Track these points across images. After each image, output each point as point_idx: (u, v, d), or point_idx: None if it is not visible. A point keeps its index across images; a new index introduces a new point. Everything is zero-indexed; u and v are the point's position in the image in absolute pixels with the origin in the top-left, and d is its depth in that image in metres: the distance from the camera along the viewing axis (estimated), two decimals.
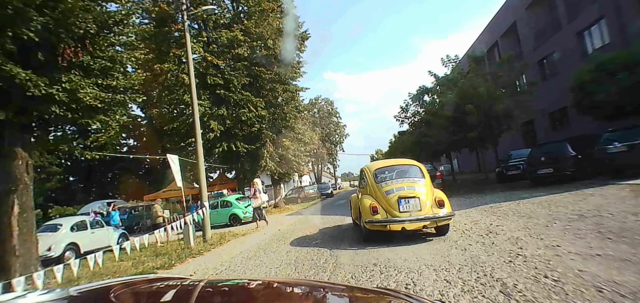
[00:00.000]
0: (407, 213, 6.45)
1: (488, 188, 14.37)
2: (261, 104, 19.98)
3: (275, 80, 20.89)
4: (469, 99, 14.14)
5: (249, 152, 20.15)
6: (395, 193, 6.66)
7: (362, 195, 7.45)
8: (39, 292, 1.12)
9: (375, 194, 6.89)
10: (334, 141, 59.55)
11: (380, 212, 6.58)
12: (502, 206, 8.97)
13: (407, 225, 6.40)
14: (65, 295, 1.14)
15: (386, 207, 6.59)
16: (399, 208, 6.49)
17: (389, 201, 6.60)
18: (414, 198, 6.56)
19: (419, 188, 6.78)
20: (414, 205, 6.50)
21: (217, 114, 19.00)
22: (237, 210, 17.36)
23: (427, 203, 6.55)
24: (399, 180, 7.01)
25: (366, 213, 6.76)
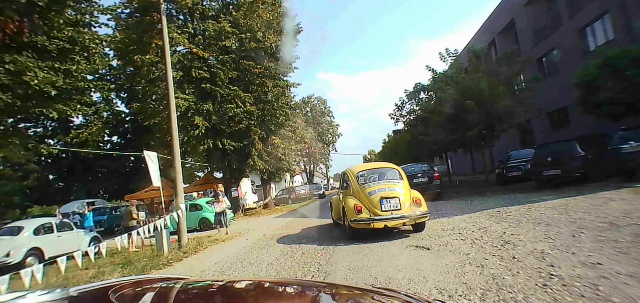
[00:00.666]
0: (389, 212, 6.98)
1: (489, 190, 13.52)
2: (250, 100, 18.91)
3: (265, 75, 19.83)
4: (470, 95, 13.26)
5: (236, 150, 19.06)
6: (378, 194, 7.17)
7: (345, 197, 7.87)
8: (39, 292, 1.08)
9: (359, 195, 7.39)
10: (327, 141, 58.55)
11: (364, 212, 7.07)
12: (511, 211, 8.07)
13: (389, 223, 6.94)
14: (65, 295, 1.12)
15: (369, 206, 7.09)
16: (381, 207, 7.02)
17: (371, 201, 7.11)
18: (394, 198, 7.11)
19: (398, 189, 7.36)
20: (394, 205, 7.05)
21: (202, 109, 17.87)
22: (208, 214, 16.41)
23: (406, 203, 7.15)
24: (380, 182, 7.58)
25: (351, 213, 7.19)
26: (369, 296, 1.28)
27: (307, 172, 59.62)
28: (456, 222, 7.84)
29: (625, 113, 12.29)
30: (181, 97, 17.31)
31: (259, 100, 20.01)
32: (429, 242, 6.11)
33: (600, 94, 12.25)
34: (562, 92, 18.87)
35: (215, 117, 18.22)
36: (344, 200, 7.75)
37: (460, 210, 9.47)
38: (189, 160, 18.84)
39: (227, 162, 19.38)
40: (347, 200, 7.58)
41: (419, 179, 13.32)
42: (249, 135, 19.33)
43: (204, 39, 18.98)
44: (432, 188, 13.28)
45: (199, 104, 17.95)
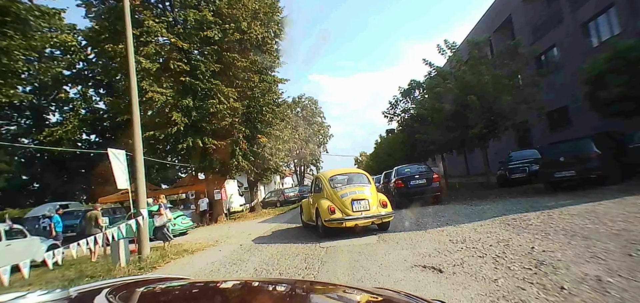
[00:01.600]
0: (359, 212, 7.80)
1: (492, 193, 12.39)
2: (234, 95, 17.53)
3: (251, 69, 18.48)
4: (471, 90, 12.15)
5: (219, 149, 17.66)
6: (349, 196, 7.96)
7: (318, 199, 8.42)
8: (39, 292, 1.09)
9: (332, 197, 8.08)
10: (318, 142, 57.27)
11: (337, 212, 7.81)
12: (529, 218, 6.89)
13: (360, 222, 7.78)
14: (65, 295, 1.13)
15: (341, 207, 7.85)
16: (352, 208, 7.81)
17: (343, 203, 7.87)
18: (364, 200, 7.94)
19: (367, 192, 8.22)
20: (364, 206, 7.87)
21: (181, 104, 16.45)
22: None
23: (374, 205, 7.99)
24: (350, 186, 8.41)
25: (325, 213, 7.86)
26: (368, 296, 1.29)
27: (298, 173, 58.26)
28: (466, 232, 6.63)
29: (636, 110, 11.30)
30: (158, 91, 15.87)
31: (244, 96, 18.65)
32: (438, 261, 4.87)
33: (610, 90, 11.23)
34: (562, 90, 17.93)
35: (196, 113, 16.81)
36: (318, 202, 8.34)
37: (467, 217, 8.28)
38: (168, 160, 17.38)
39: (208, 162, 17.96)
40: (320, 202, 8.18)
41: (416, 181, 12.14)
42: (233, 134, 17.96)
43: (184, 28, 17.58)
44: (431, 192, 12.12)
45: (178, 99, 16.53)
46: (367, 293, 1.36)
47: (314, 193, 9.15)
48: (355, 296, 1.30)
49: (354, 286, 2.13)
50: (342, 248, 6.71)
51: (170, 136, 16.50)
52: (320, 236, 8.11)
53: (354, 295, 1.32)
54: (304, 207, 10.31)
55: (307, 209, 9.79)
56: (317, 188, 8.99)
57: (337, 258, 5.94)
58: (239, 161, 17.82)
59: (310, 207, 9.32)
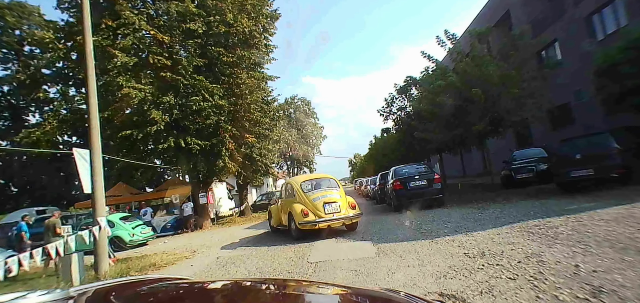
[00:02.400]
0: (331, 214, 8.33)
1: (498, 195, 11.39)
2: (219, 92, 16.37)
3: (237, 64, 17.35)
4: (475, 83, 11.16)
5: (203, 149, 16.47)
6: (321, 199, 8.49)
7: (291, 204, 8.87)
8: (39, 292, 1.09)
9: (304, 201, 8.55)
10: (311, 143, 56.20)
11: (310, 215, 8.28)
12: (555, 225, 5.86)
13: (332, 224, 8.40)
14: (65, 295, 1.12)
15: (314, 210, 8.35)
16: (324, 211, 8.36)
17: (316, 206, 8.38)
18: (335, 203, 8.51)
19: (337, 195, 8.78)
20: (335, 208, 8.45)
21: (161, 101, 15.24)
22: (122, 232, 13.84)
23: (344, 207, 8.55)
24: (322, 190, 8.88)
25: (299, 216, 8.32)
26: (369, 296, 1.28)
27: (291, 175, 57.10)
28: (482, 242, 5.57)
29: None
30: (135, 87, 14.64)
31: (231, 93, 17.49)
32: (458, 285, 3.78)
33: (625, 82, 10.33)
34: (563, 87, 17.09)
35: (177, 111, 15.61)
36: (290, 206, 8.83)
37: (478, 223, 7.23)
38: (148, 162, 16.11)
39: (192, 164, 16.75)
40: (294, 206, 8.66)
41: (416, 182, 11.10)
42: (219, 133, 16.78)
43: (165, 20, 16.40)
44: (432, 193, 11.09)
45: (158, 95, 15.31)
46: (367, 293, 1.36)
47: (286, 199, 9.63)
48: (355, 296, 1.28)
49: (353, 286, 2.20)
50: (334, 264, 5.60)
51: (150, 135, 15.27)
52: (295, 239, 8.50)
53: (353, 295, 1.29)
54: (272, 212, 10.81)
55: (276, 214, 10.34)
56: (289, 194, 9.49)
57: (329, 279, 4.83)
58: (224, 162, 16.63)
59: (280, 212, 9.95)
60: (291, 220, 8.77)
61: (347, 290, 1.48)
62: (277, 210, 10.31)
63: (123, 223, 13.99)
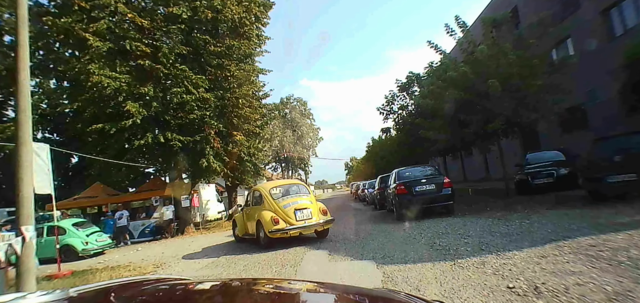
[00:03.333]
0: (302, 221, 8.21)
1: (517, 203, 9.94)
2: (204, 84, 14.88)
3: (225, 55, 15.88)
4: (491, 74, 9.76)
5: (186, 146, 14.97)
6: (292, 206, 8.36)
7: (259, 211, 8.56)
8: (39, 293, 1.08)
9: (274, 208, 8.33)
10: (307, 145, 54.73)
11: (281, 223, 8.07)
12: (619, 244, 4.43)
13: (304, 231, 8.28)
14: (65, 296, 1.12)
15: (284, 217, 8.16)
16: (295, 217, 8.20)
17: (287, 213, 8.22)
18: (306, 209, 8.40)
19: (308, 202, 8.65)
20: (306, 215, 8.31)
21: (138, 92, 13.72)
22: (73, 240, 12.25)
23: (315, 213, 8.42)
24: (292, 196, 8.78)
25: (268, 224, 8.06)
26: (369, 296, 1.28)
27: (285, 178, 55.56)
28: (525, 267, 4.13)
29: None
30: (108, 75, 13.12)
31: (218, 86, 16.02)
32: None
33: None
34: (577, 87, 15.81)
35: (157, 104, 14.08)
36: (259, 214, 8.45)
37: (508, 239, 5.79)
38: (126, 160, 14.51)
39: (173, 163, 15.22)
40: (262, 214, 8.30)
41: (423, 187, 9.65)
42: (204, 129, 15.28)
43: (146, 3, 14.93)
44: (441, 200, 9.66)
45: (135, 85, 13.79)
46: (367, 293, 1.37)
47: (253, 206, 9.20)
48: (355, 296, 1.29)
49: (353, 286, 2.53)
50: None
51: (125, 130, 13.75)
52: (263, 248, 8.17)
53: (353, 295, 1.30)
54: (237, 221, 10.35)
55: (242, 223, 9.89)
56: (257, 201, 9.07)
57: None
58: (209, 161, 15.10)
59: (246, 221, 9.58)
60: (260, 229, 8.39)
61: (347, 290, 1.51)
62: (243, 219, 9.89)
63: (76, 229, 12.44)
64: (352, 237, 8.48)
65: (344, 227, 10.62)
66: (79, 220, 14.00)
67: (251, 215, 9.16)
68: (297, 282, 2.16)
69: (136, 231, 16.81)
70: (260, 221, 8.36)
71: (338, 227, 10.61)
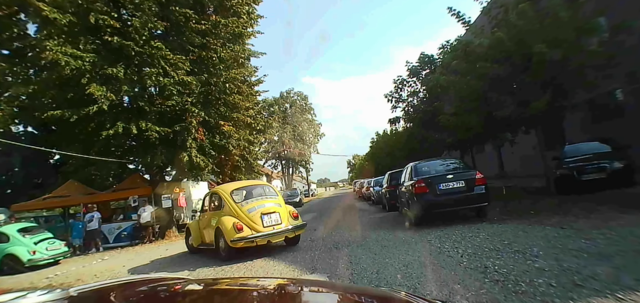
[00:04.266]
0: (271, 227, 7.14)
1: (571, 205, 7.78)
2: (184, 65, 12.82)
3: (210, 33, 13.80)
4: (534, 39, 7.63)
5: (164, 138, 12.92)
6: (257, 210, 7.26)
7: (218, 217, 7.49)
8: (39, 292, 1.08)
9: (237, 213, 7.23)
10: (308, 142, 52.59)
11: (245, 229, 6.94)
12: None
13: (273, 238, 7.16)
14: (65, 295, 1.11)
15: (249, 224, 7.07)
16: (262, 223, 7.12)
17: (252, 218, 7.13)
18: (274, 213, 7.34)
19: (277, 205, 7.62)
20: (275, 220, 7.27)
21: (105, 73, 11.67)
22: (18, 249, 10.29)
23: (285, 218, 7.41)
24: (257, 199, 7.64)
25: (230, 232, 6.92)
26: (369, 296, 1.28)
27: (286, 175, 53.52)
28: None
29: None
30: (68, 52, 11.07)
31: (202, 69, 13.93)
32: None
33: None
34: None
35: (128, 87, 12.02)
36: (219, 220, 7.39)
37: (604, 263, 3.70)
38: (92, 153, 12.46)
39: (150, 157, 13.15)
40: (222, 220, 7.26)
41: (449, 184, 7.52)
42: (185, 118, 13.21)
43: None
44: (472, 200, 7.54)
45: (101, 66, 11.74)
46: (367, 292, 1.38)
47: (211, 211, 8.16)
48: (355, 296, 1.27)
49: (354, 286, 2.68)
50: None
51: (89, 118, 11.72)
52: (224, 260, 7.18)
53: (353, 295, 1.28)
54: (191, 229, 9.07)
55: (197, 231, 8.72)
56: (215, 205, 8.10)
57: None
58: (191, 155, 13.04)
59: (202, 229, 8.48)
60: (219, 237, 7.33)
61: (348, 289, 1.51)
62: (198, 227, 8.72)
63: (21, 236, 10.43)
64: (360, 250, 6.39)
65: (350, 233, 8.54)
66: (27, 225, 12.00)
67: (208, 221, 8.03)
68: (297, 282, 2.07)
69: (111, 235, 14.81)
70: (219, 228, 7.23)
71: (342, 234, 8.57)
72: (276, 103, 48.50)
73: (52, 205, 16.11)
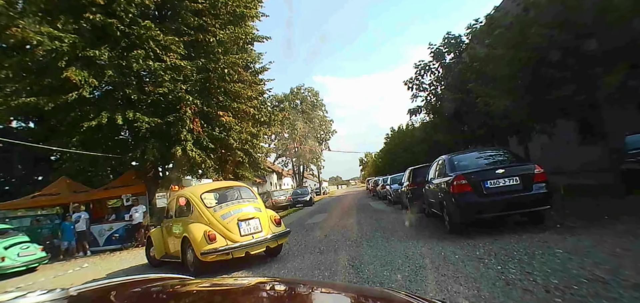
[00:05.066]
0: (249, 235, 6.13)
1: None
2: (178, 48, 11.34)
3: (209, 13, 12.29)
4: None
5: (155, 129, 11.48)
6: (234, 216, 6.24)
7: (184, 225, 6.40)
8: (39, 292, 1.03)
9: (209, 220, 6.14)
10: (319, 138, 50.90)
11: (219, 239, 5.90)
12: None
13: (252, 249, 6.10)
14: (65, 295, 1.07)
15: (224, 232, 6.01)
16: (240, 231, 6.10)
17: (227, 226, 6.09)
18: (253, 219, 6.35)
19: (256, 209, 6.59)
20: (255, 227, 6.28)
21: (86, 55, 10.25)
22: None
23: (266, 224, 6.43)
24: (234, 202, 6.62)
25: (200, 243, 5.83)
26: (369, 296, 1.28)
27: (297, 173, 52.01)
28: None
29: None
30: (44, 32, 9.68)
31: (198, 53, 12.43)
32: None
33: None
34: None
35: (113, 72, 10.57)
36: (186, 229, 6.24)
37: None
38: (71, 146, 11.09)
39: (140, 151, 11.71)
40: (190, 228, 6.10)
41: (498, 182, 5.75)
42: (180, 107, 11.72)
43: None
44: (530, 203, 5.76)
45: (83, 47, 10.34)
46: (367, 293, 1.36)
47: (177, 218, 6.95)
48: (355, 295, 1.23)
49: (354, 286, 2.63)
50: None
51: (69, 107, 10.33)
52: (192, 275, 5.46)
53: (353, 295, 1.24)
54: (153, 238, 7.70)
55: (160, 242, 7.49)
56: (182, 211, 6.80)
57: None
58: (185, 148, 11.55)
59: (167, 238, 7.23)
60: (187, 249, 6.25)
61: (348, 289, 1.49)
62: (160, 236, 7.51)
63: None
64: (386, 271, 4.72)
65: (368, 244, 6.82)
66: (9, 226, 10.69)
67: (174, 230, 6.88)
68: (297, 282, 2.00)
69: (102, 237, 13.47)
70: (187, 238, 6.11)
71: (359, 245, 6.87)
72: (286, 99, 46.95)
73: (41, 204, 14.86)
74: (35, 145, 11.68)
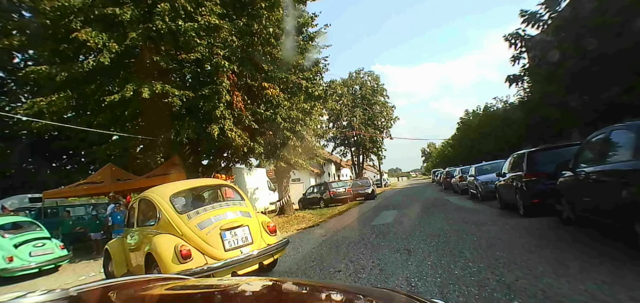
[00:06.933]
0: (237, 250, 4.59)
1: None
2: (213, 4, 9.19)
3: None
4: None
5: (191, 104, 9.52)
6: (215, 224, 4.64)
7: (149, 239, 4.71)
8: (39, 292, 1.03)
9: (181, 231, 4.52)
10: (380, 126, 47.32)
11: (195, 256, 4.34)
12: None
13: (240, 267, 4.47)
14: (65, 295, 1.07)
15: (202, 246, 4.45)
16: (224, 245, 4.54)
17: (206, 238, 4.51)
18: (241, 228, 4.80)
19: (244, 214, 5.03)
20: (243, 237, 4.76)
21: (102, 14, 8.50)
22: None
23: (257, 233, 4.93)
24: (214, 206, 5.03)
25: (169, 263, 4.22)
26: (369, 296, 1.24)
27: (356, 164, 49.07)
28: None
29: None
30: None
31: (239, 12, 10.19)
32: None
33: None
34: None
35: (134, 34, 8.71)
36: (151, 242, 4.57)
37: None
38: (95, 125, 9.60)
39: (174, 131, 9.85)
40: (156, 242, 4.47)
41: None
42: (217, 76, 9.60)
43: None
44: None
45: (101, 5, 8.61)
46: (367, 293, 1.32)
47: (140, 227, 5.30)
48: (355, 295, 1.24)
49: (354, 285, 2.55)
50: None
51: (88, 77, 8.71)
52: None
53: (353, 295, 1.25)
54: (113, 252, 5.88)
55: (121, 256, 5.72)
56: (147, 218, 5.25)
57: None
58: (224, 128, 9.41)
59: (129, 253, 5.51)
60: (152, 267, 4.42)
61: (347, 289, 1.47)
62: (122, 250, 5.74)
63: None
64: None
65: (482, 276, 3.87)
66: (12, 219, 9.42)
67: (135, 243, 5.28)
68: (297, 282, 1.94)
69: None
70: (152, 254, 4.41)
71: (469, 273, 3.93)
72: (345, 84, 44.15)
73: (83, 192, 14.00)
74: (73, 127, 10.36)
